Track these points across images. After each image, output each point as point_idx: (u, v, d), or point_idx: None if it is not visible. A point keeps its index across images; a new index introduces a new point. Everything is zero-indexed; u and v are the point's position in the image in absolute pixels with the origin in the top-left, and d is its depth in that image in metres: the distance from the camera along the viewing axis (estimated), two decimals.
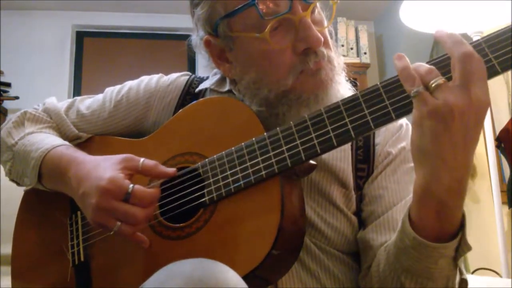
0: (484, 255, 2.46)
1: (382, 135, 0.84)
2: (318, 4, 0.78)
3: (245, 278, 0.56)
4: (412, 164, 0.82)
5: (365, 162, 0.83)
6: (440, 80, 0.56)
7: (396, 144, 0.84)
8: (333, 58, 0.78)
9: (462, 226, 0.62)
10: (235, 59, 0.81)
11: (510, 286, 1.35)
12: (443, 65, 0.61)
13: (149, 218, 0.71)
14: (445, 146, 0.56)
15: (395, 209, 0.78)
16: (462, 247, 0.63)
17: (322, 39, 0.74)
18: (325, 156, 0.79)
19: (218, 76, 0.92)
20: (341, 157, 0.82)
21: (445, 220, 0.61)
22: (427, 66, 0.59)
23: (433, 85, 0.56)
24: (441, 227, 0.61)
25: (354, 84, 0.84)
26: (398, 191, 0.80)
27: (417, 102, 0.57)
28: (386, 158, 0.82)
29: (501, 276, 2.06)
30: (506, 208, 2.41)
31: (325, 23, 0.79)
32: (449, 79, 0.58)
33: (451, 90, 0.55)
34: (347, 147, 0.83)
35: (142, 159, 0.74)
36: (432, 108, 0.55)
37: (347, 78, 0.82)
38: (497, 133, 2.32)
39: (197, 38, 0.85)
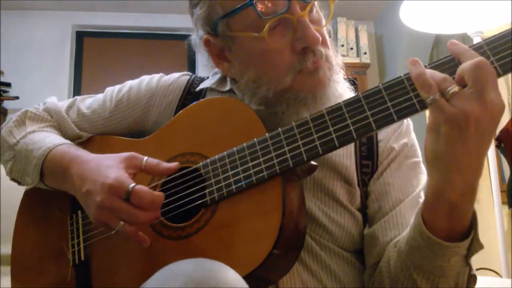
0: (484, 255, 2.45)
1: (384, 131, 0.85)
2: (316, 3, 0.78)
3: (246, 278, 0.56)
4: (415, 159, 0.85)
5: (369, 158, 0.83)
6: (456, 88, 0.57)
7: (399, 140, 0.85)
8: (331, 57, 0.78)
9: (473, 225, 0.64)
10: (234, 58, 0.81)
11: (510, 286, 1.35)
12: (446, 67, 0.62)
13: (152, 220, 0.70)
14: (460, 152, 0.58)
15: (403, 205, 0.79)
16: (474, 246, 0.65)
17: (320, 38, 0.74)
18: None
19: (218, 76, 0.92)
20: (344, 154, 0.83)
21: (456, 221, 0.63)
22: (442, 74, 0.59)
23: (450, 93, 0.57)
24: (453, 227, 0.63)
25: (352, 83, 0.84)
26: (404, 187, 0.81)
27: (434, 109, 0.58)
28: (390, 154, 0.83)
29: (501, 276, 2.06)
30: (506, 208, 2.41)
31: (324, 22, 0.79)
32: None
33: (467, 98, 0.56)
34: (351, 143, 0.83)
35: (145, 158, 0.74)
36: (448, 115, 0.57)
37: (345, 77, 0.83)
38: (497, 133, 2.32)
39: (197, 37, 0.85)
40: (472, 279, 0.70)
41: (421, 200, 0.78)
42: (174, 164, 0.75)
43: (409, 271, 0.69)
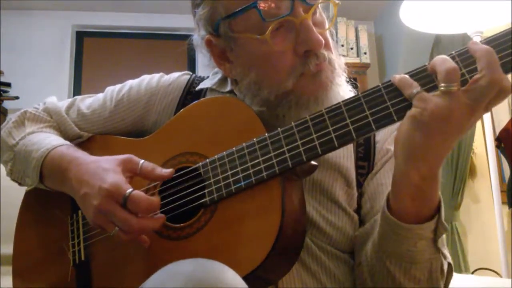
0: (484, 255, 2.46)
1: (382, 132, 0.85)
2: (319, 5, 0.78)
3: (245, 278, 0.56)
4: None
5: (365, 159, 0.83)
6: (455, 87, 0.58)
7: None
8: (333, 60, 0.78)
9: (438, 209, 0.65)
10: (236, 59, 0.81)
11: (510, 286, 1.35)
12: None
13: (146, 229, 0.70)
14: (436, 143, 0.59)
15: None
16: (439, 229, 0.66)
17: (323, 41, 0.74)
18: (329, 154, 0.79)
19: (219, 76, 0.92)
20: (345, 155, 0.83)
21: (421, 204, 0.64)
22: (453, 65, 0.59)
23: (450, 88, 0.58)
24: (418, 211, 0.64)
25: (355, 86, 0.84)
26: None
27: (418, 101, 0.59)
28: (385, 156, 0.83)
29: (501, 276, 2.06)
30: (506, 208, 2.41)
31: (327, 24, 0.79)
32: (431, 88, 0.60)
33: (461, 100, 0.57)
34: (350, 145, 0.83)
35: (141, 162, 0.74)
36: (433, 107, 0.57)
37: (347, 79, 0.82)
38: (497, 133, 2.32)
39: (199, 37, 0.85)
40: (450, 268, 0.72)
41: None
42: (168, 171, 0.75)
43: (383, 260, 0.70)
